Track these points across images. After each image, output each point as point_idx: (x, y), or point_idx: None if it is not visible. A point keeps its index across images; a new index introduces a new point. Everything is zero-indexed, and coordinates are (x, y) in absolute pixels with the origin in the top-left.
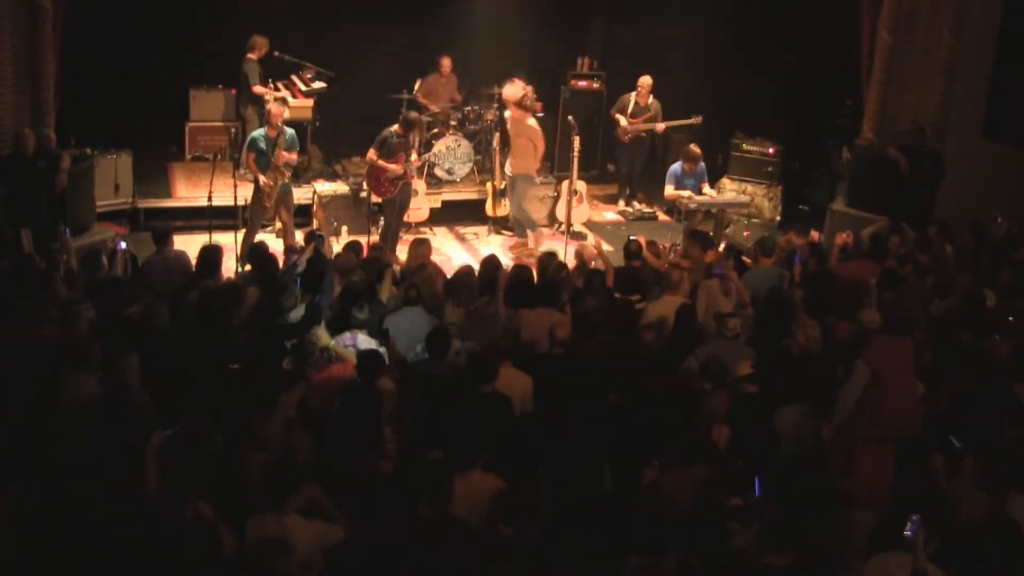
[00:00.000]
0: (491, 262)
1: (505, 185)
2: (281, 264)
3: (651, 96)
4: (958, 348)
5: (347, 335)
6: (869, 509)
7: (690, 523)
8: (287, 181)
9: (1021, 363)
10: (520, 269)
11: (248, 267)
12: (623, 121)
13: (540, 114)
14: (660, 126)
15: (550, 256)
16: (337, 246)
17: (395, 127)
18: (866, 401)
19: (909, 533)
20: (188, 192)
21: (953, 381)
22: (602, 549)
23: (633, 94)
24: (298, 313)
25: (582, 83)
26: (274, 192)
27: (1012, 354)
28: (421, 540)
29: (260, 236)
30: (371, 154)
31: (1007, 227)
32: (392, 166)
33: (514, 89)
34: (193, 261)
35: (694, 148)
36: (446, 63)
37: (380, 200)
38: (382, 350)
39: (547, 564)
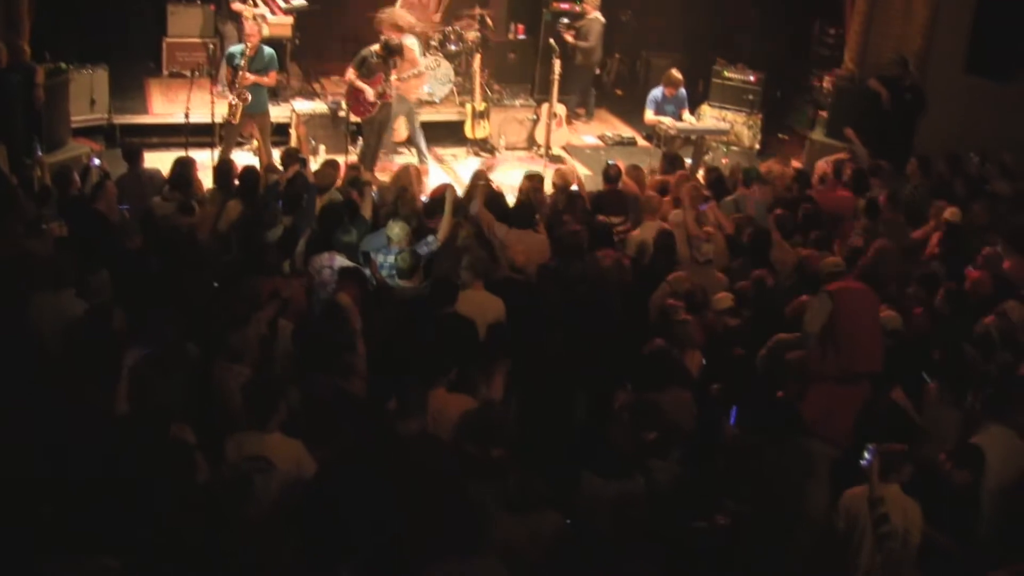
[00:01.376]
0: (479, 177)
1: (486, 107)
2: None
3: (596, 12)
4: (931, 279)
5: (325, 255)
6: (830, 441)
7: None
8: (249, 102)
9: (994, 293)
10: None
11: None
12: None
13: (521, 36)
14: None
15: (530, 178)
16: (315, 165)
17: (375, 47)
18: (829, 337)
19: (865, 462)
20: (165, 108)
21: (927, 311)
22: (570, 475)
23: None
24: (276, 232)
25: (564, 5)
26: (238, 110)
27: (986, 285)
28: (398, 456)
29: (237, 155)
30: (350, 73)
31: (979, 162)
32: (369, 87)
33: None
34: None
35: (675, 73)
36: None
37: (359, 119)
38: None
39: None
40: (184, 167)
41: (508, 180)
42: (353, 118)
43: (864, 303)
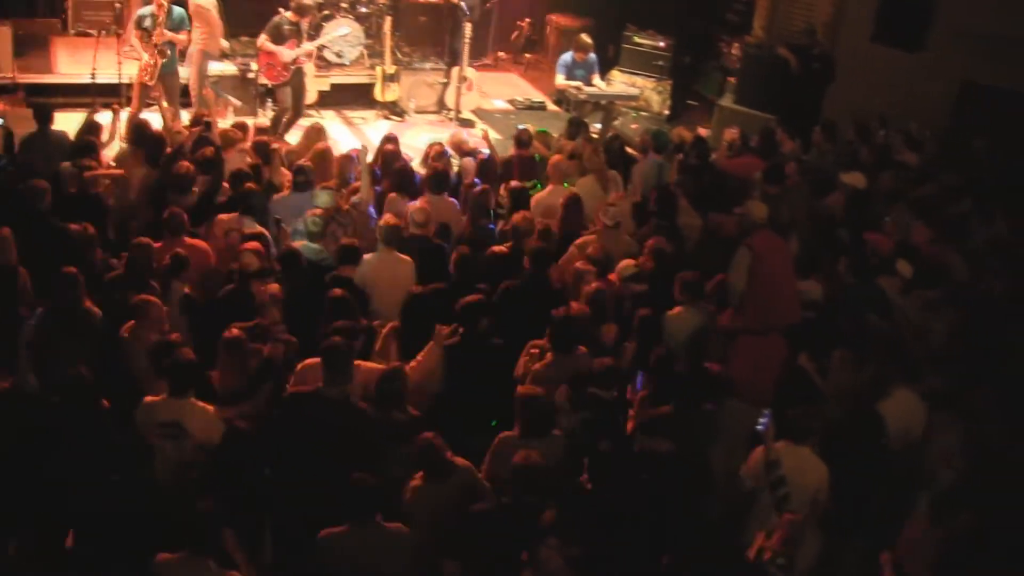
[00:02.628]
0: (390, 141)
1: (396, 70)
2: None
3: None
4: (840, 244)
5: (233, 218)
6: (752, 400)
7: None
8: (167, 60)
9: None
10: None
11: (131, 145)
12: None
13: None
14: None
15: (433, 145)
16: (224, 125)
17: (288, 13)
18: (751, 290)
19: (761, 427)
20: (71, 68)
21: (831, 276)
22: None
23: None
24: (191, 198)
25: None
26: (155, 71)
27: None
28: (327, 419)
29: (146, 116)
30: (262, 39)
31: (885, 134)
32: (284, 50)
33: None
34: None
35: (585, 38)
36: None
37: (273, 84)
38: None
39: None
40: (91, 130)
41: (418, 144)
42: (263, 80)
43: (782, 255)
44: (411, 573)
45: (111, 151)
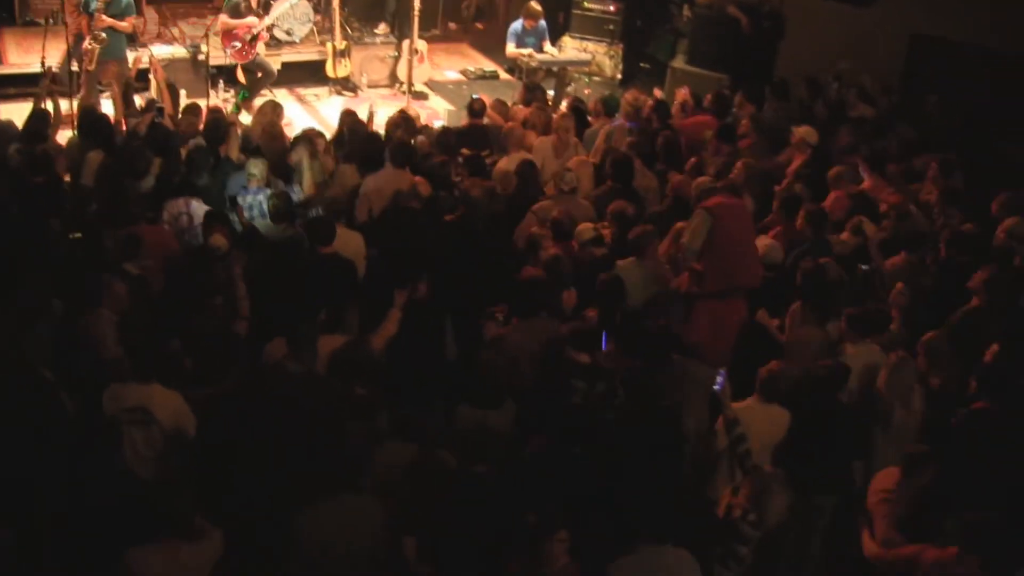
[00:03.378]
0: (350, 116)
1: (346, 45)
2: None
3: None
4: (797, 200)
5: (180, 201)
6: (712, 362)
7: (533, 377)
8: (107, 46)
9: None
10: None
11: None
12: None
13: None
14: None
15: (394, 120)
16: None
17: None
18: (709, 252)
19: (718, 386)
20: (20, 58)
21: (790, 232)
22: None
23: None
24: (148, 182)
25: None
26: (95, 56)
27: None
28: (292, 394)
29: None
30: (222, 18)
31: (837, 88)
32: (247, 21)
33: None
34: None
35: (534, 5)
36: None
37: (243, 62)
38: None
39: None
40: (38, 120)
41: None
42: (213, 62)
43: (740, 217)
44: (383, 544)
45: (62, 138)
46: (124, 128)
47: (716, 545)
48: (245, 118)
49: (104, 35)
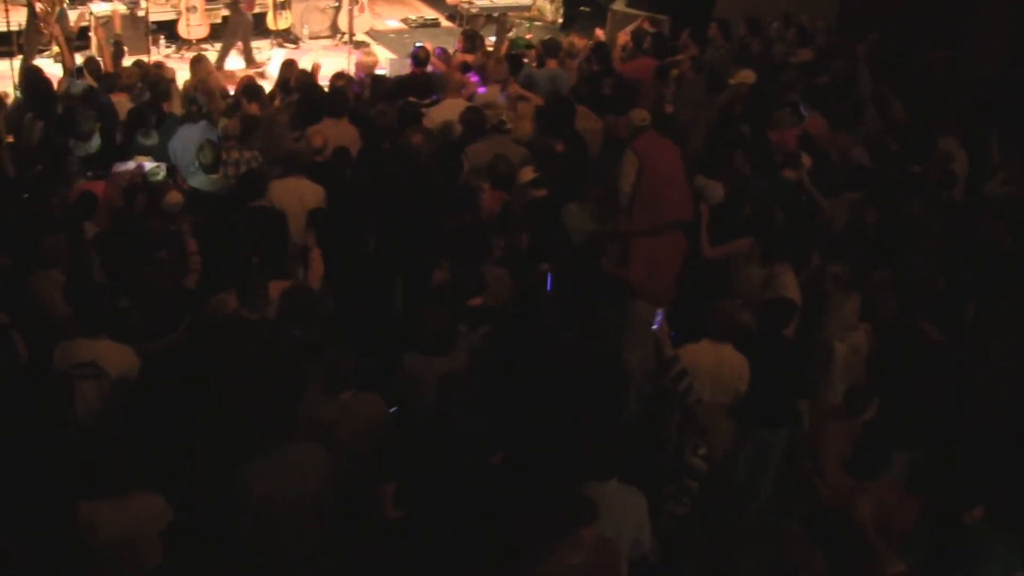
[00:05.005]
0: (290, 66)
1: None
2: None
3: None
4: (739, 139)
5: (130, 164)
6: (653, 300)
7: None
8: (65, 6)
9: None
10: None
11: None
12: None
13: None
14: None
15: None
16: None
17: None
18: (638, 191)
19: (655, 326)
20: None
21: (731, 171)
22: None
23: None
24: (95, 144)
25: None
26: (51, 17)
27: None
28: (250, 341)
29: (38, 61)
30: None
31: (778, 27)
32: None
33: None
34: None
35: None
36: None
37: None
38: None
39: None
40: None
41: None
42: (152, 18)
43: (668, 155)
44: (327, 490)
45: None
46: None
47: (667, 482)
48: None
49: None
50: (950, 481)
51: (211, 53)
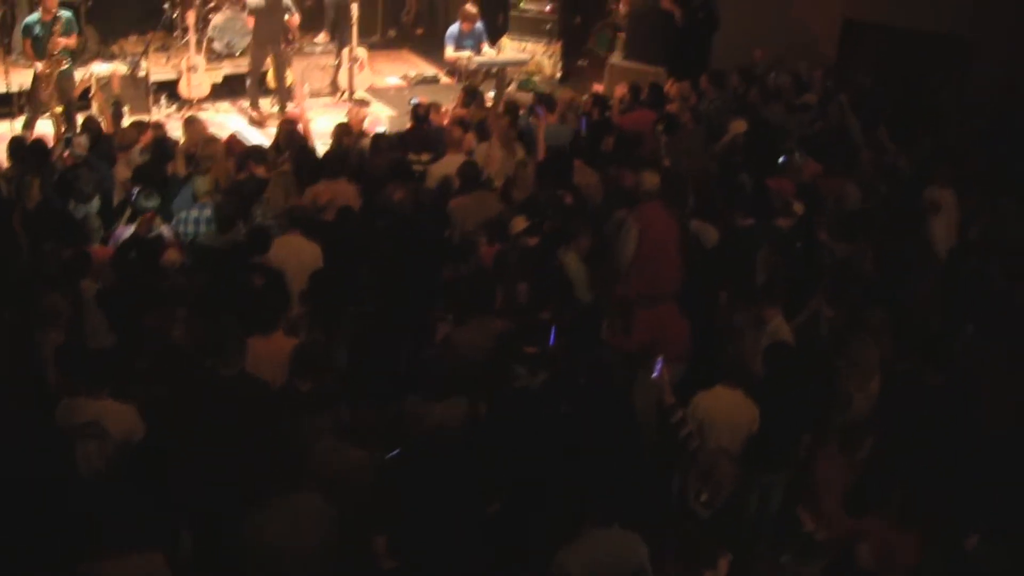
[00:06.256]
0: (288, 124)
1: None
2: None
3: None
4: (739, 189)
5: (126, 228)
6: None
7: (483, 372)
8: (65, 67)
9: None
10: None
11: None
12: None
13: None
14: None
15: (341, 127)
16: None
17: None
18: (636, 259)
19: (655, 374)
20: None
21: (732, 221)
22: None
23: None
24: (95, 205)
25: None
26: (52, 80)
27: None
28: (222, 397)
29: (40, 123)
30: None
31: (776, 76)
32: None
33: None
34: None
35: (470, 8)
36: None
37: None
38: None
39: (345, 415)
40: None
41: (316, 127)
42: (153, 78)
43: (668, 228)
44: (333, 541)
45: None
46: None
47: (669, 526)
48: None
49: (65, 59)
50: (950, 517)
51: (210, 113)
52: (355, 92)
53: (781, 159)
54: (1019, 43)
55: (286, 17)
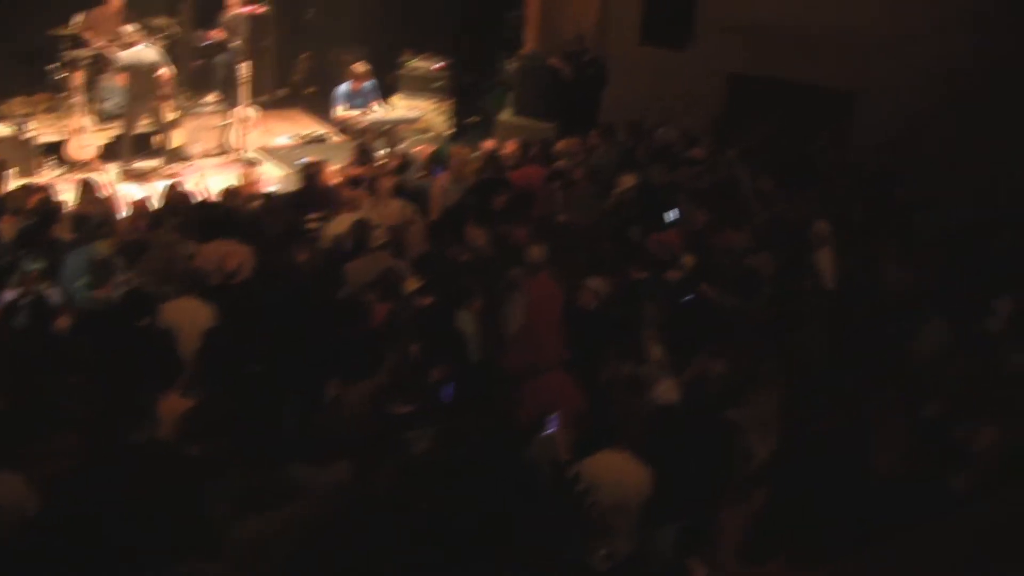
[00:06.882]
0: (178, 184)
1: (178, 115)
2: None
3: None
4: (627, 243)
5: (7, 292)
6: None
7: (365, 434)
8: None
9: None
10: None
11: None
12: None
13: (209, 41)
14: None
15: (231, 188)
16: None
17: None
18: (522, 332)
19: (550, 430)
20: None
21: (620, 275)
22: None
23: None
24: None
25: (247, 8)
26: None
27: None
28: (135, 465)
29: None
30: None
31: (664, 131)
32: None
33: None
34: None
35: (359, 67)
36: None
37: None
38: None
39: (246, 479)
40: None
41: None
42: (41, 139)
43: (553, 301)
44: None
45: None
46: None
47: None
48: None
49: None
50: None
51: (99, 175)
52: (245, 152)
53: (671, 213)
54: (902, 99)
55: (157, 72)
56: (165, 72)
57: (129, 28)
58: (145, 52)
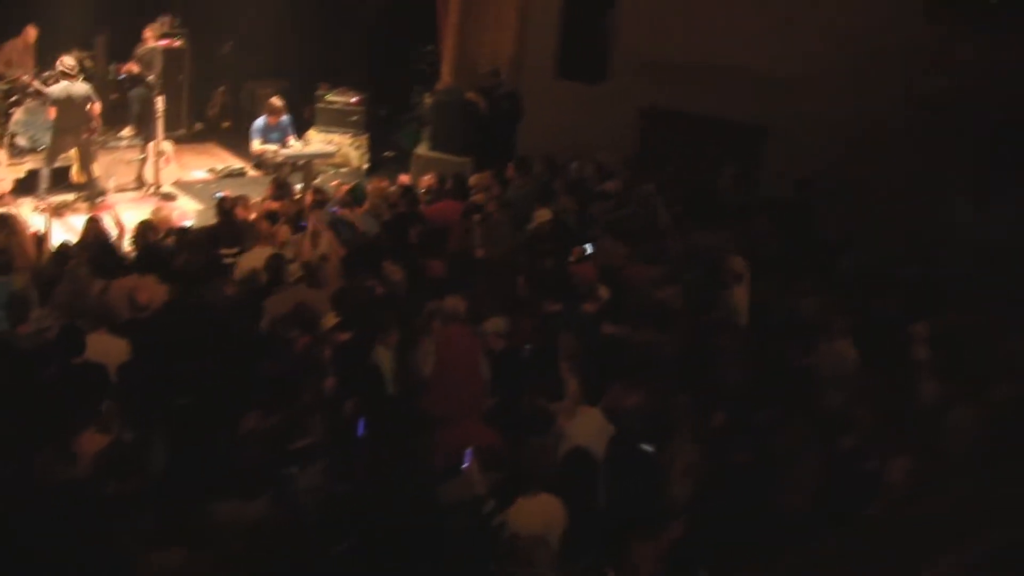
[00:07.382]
0: (95, 220)
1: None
2: None
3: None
4: (544, 274)
5: None
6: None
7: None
8: None
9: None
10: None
11: None
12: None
13: (122, 75)
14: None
15: (145, 223)
16: None
17: None
18: (435, 381)
19: (465, 464)
20: None
21: (535, 308)
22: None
23: None
24: None
25: (163, 41)
26: None
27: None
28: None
29: None
30: None
31: (579, 165)
32: None
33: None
34: None
35: (275, 101)
36: (31, 31)
37: None
38: None
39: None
40: None
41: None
42: None
43: (468, 350)
44: None
45: None
46: None
47: None
48: None
49: None
50: None
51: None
52: (161, 186)
53: (587, 246)
54: (814, 134)
55: (87, 107)
56: (96, 105)
57: (69, 60)
58: (77, 86)
